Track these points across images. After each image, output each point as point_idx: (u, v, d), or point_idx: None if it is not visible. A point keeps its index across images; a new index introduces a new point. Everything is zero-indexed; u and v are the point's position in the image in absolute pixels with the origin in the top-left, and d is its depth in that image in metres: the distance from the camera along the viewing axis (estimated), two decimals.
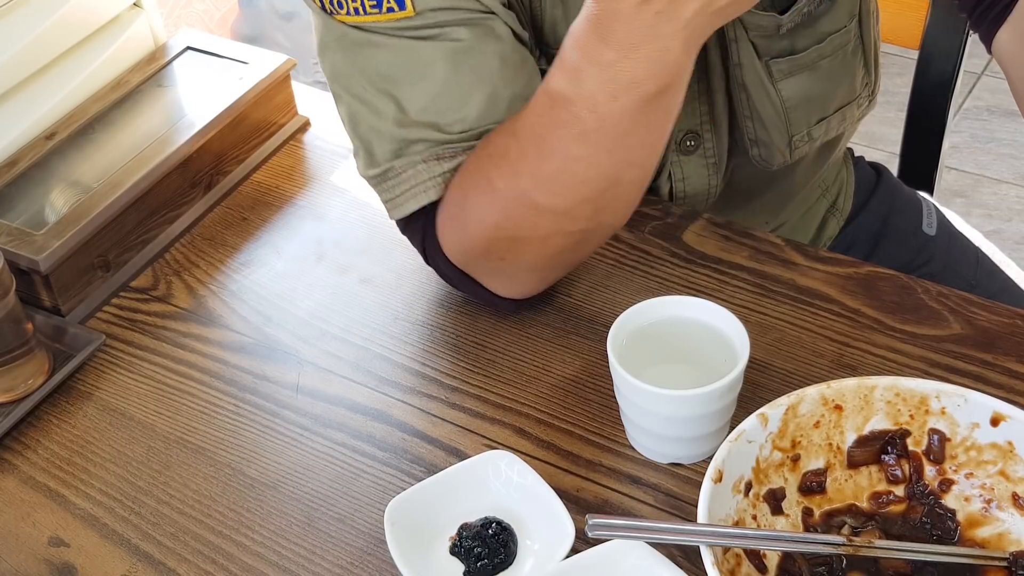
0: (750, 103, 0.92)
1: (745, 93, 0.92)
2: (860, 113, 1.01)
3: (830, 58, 0.94)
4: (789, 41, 0.91)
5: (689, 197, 0.98)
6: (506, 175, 0.76)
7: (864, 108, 1.01)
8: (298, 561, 0.73)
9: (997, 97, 2.58)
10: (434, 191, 0.81)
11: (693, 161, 0.96)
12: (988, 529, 0.69)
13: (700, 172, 0.96)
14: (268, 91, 1.03)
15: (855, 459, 0.71)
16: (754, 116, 0.93)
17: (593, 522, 0.62)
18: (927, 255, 1.11)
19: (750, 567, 0.65)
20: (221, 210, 1.01)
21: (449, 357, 0.86)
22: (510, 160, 0.76)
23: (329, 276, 0.93)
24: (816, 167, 1.05)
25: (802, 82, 0.93)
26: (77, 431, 0.82)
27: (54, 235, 0.88)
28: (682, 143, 0.94)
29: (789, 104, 0.93)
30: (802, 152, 0.97)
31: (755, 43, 0.90)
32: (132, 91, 1.03)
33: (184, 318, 0.91)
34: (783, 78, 0.92)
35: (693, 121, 0.94)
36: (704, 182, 0.97)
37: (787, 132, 0.95)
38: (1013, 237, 2.23)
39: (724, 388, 0.72)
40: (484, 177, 0.78)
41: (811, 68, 0.93)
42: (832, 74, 0.95)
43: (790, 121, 0.94)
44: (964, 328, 0.85)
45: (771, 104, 0.93)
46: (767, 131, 0.94)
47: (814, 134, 0.97)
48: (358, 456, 0.79)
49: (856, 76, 0.98)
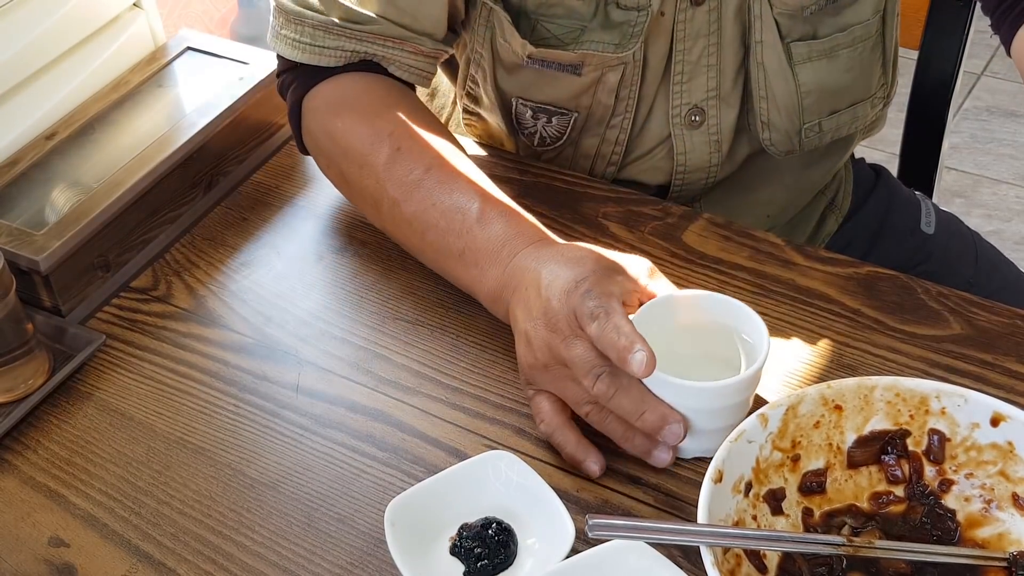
0: (767, 83, 0.93)
1: (763, 72, 0.92)
2: (873, 115, 1.01)
3: (850, 49, 0.94)
4: (812, 26, 0.92)
5: (688, 173, 0.98)
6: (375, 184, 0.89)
7: (877, 110, 1.01)
8: (298, 561, 0.73)
9: (997, 97, 2.58)
10: (325, 58, 0.91)
11: (697, 136, 0.96)
12: (988, 529, 0.69)
13: (702, 148, 0.97)
14: (268, 91, 1.03)
15: (855, 459, 0.71)
16: (769, 97, 0.93)
17: (593, 522, 0.62)
18: (925, 253, 1.11)
19: (750, 567, 0.65)
20: (221, 210, 1.01)
21: (449, 357, 0.86)
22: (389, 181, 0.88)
23: (329, 276, 0.93)
24: (822, 169, 1.05)
25: (819, 70, 0.94)
26: (77, 431, 0.82)
27: (54, 235, 0.88)
28: (687, 118, 0.95)
29: (804, 89, 0.94)
30: (811, 143, 0.98)
31: (779, 22, 0.90)
32: (132, 91, 1.03)
33: (184, 318, 0.91)
34: (802, 62, 0.93)
35: (699, 96, 0.94)
36: (705, 159, 0.97)
37: (799, 119, 0.95)
38: (1013, 237, 2.23)
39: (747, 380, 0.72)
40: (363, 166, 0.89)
41: (830, 56, 0.93)
42: (850, 66, 0.95)
43: (803, 108, 0.95)
44: (964, 328, 0.85)
45: (787, 87, 0.93)
46: (780, 114, 0.94)
47: (825, 126, 0.97)
48: (358, 456, 0.79)
49: (873, 75, 0.98)
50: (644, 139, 0.98)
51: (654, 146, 0.98)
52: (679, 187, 1.00)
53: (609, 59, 0.91)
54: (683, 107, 0.95)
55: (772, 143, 0.96)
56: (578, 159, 1.01)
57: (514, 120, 1.00)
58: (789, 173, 1.02)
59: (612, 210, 0.97)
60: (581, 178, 1.00)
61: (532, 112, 0.98)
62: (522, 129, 1.00)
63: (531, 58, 0.93)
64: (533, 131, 0.99)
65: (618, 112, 0.96)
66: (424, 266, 0.90)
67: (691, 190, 1.01)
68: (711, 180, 1.00)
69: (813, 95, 0.95)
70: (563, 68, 0.93)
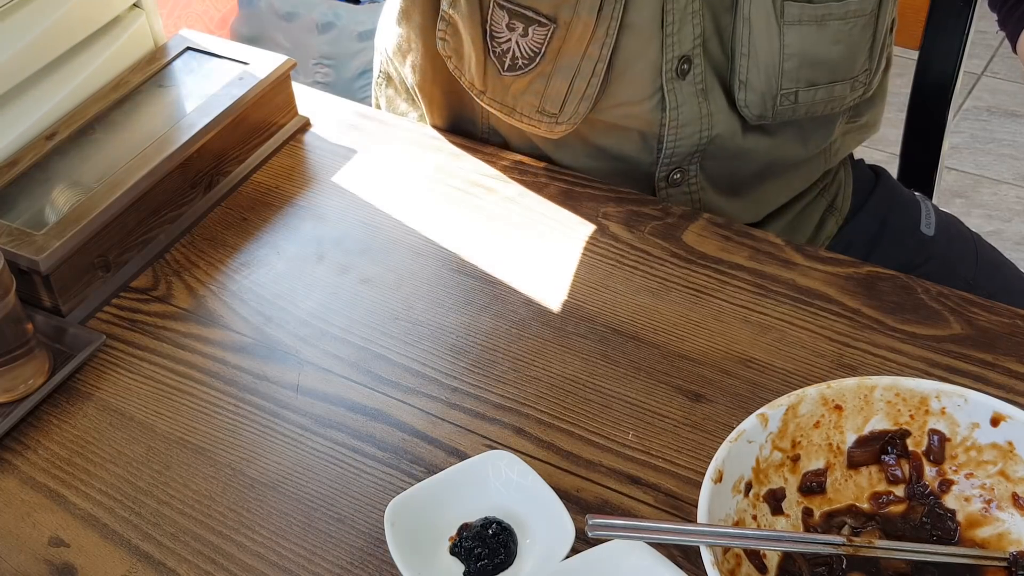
0: (751, 39, 0.92)
1: (748, 28, 0.91)
2: (852, 99, 1.00)
3: (841, 22, 0.94)
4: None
5: (682, 127, 0.97)
6: None
7: (857, 95, 1.00)
8: (298, 561, 0.73)
9: (997, 97, 2.58)
10: None
11: (685, 88, 0.95)
12: (988, 529, 0.69)
13: (692, 100, 0.96)
14: (268, 91, 1.03)
15: (855, 459, 0.71)
16: (751, 54, 0.93)
17: (593, 522, 0.62)
18: (925, 255, 1.11)
19: (750, 567, 0.65)
20: (221, 210, 1.01)
21: (449, 357, 0.86)
22: None
23: (329, 276, 0.93)
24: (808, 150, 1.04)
25: (806, 35, 0.93)
26: (77, 431, 0.82)
27: (54, 235, 0.88)
28: (678, 68, 0.94)
29: (788, 52, 0.93)
30: (784, 114, 0.97)
31: None
32: (132, 91, 1.03)
33: (184, 318, 0.91)
34: (792, 23, 0.92)
35: (687, 46, 0.93)
36: (695, 110, 0.96)
37: (777, 83, 0.94)
38: (1013, 237, 2.23)
39: None
40: None
41: (820, 24, 0.93)
42: (838, 40, 0.94)
43: (783, 71, 0.94)
44: (964, 328, 0.85)
45: (770, 46, 0.92)
46: (760, 74, 0.93)
47: (800, 98, 0.96)
48: (358, 456, 0.79)
49: (859, 55, 0.98)
50: (626, 81, 0.95)
51: (637, 92, 0.96)
52: (672, 142, 0.98)
53: None
54: (673, 60, 0.94)
55: (746, 104, 0.95)
56: (550, 93, 0.96)
57: (487, 31, 0.96)
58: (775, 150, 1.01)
59: (612, 210, 0.97)
60: (581, 178, 1.00)
61: (508, 18, 0.94)
62: (495, 44, 0.96)
63: None
64: (506, 47, 0.96)
65: (598, 35, 0.92)
66: (424, 266, 0.89)
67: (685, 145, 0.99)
68: (704, 139, 0.98)
69: (795, 59, 0.94)
70: None
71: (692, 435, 0.79)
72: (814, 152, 1.05)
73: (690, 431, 0.79)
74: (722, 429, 0.78)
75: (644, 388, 0.82)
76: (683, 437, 0.79)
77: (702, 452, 0.78)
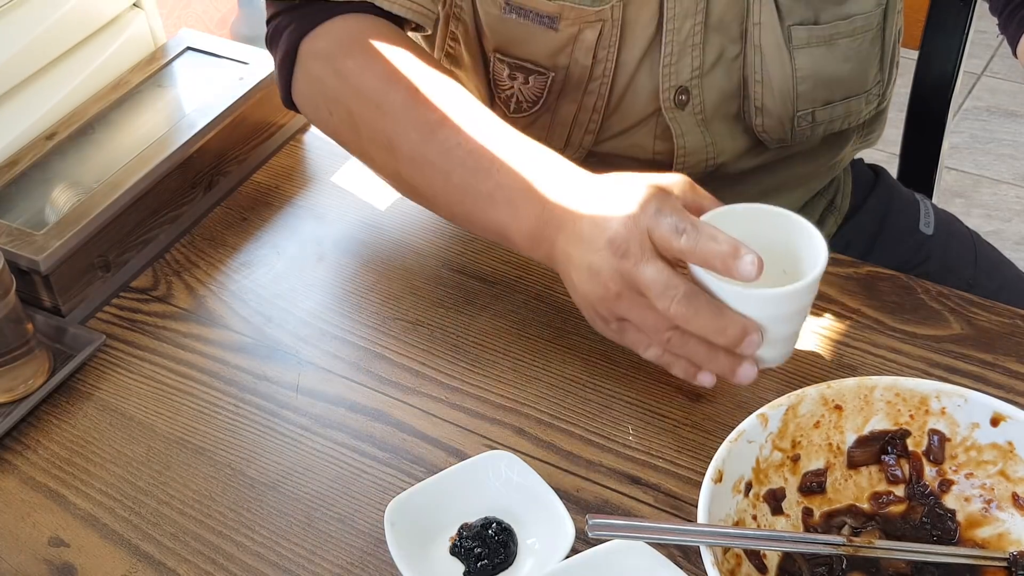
0: (763, 66, 0.92)
1: (760, 56, 0.92)
2: (867, 112, 1.01)
3: (849, 39, 0.94)
4: (813, 11, 0.92)
5: (690, 155, 0.97)
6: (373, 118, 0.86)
7: (872, 107, 1.01)
8: (298, 561, 0.73)
9: (997, 97, 2.58)
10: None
11: (686, 117, 0.96)
12: (988, 529, 0.69)
13: (694, 129, 0.96)
14: (268, 91, 1.03)
15: (855, 459, 0.71)
16: (764, 81, 0.93)
17: (593, 522, 0.62)
18: (924, 254, 1.11)
19: (750, 567, 0.65)
20: (221, 210, 1.01)
21: (449, 357, 0.86)
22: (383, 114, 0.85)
23: (329, 276, 0.93)
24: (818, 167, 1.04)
25: (817, 57, 0.93)
26: (77, 431, 0.82)
27: (54, 235, 0.88)
28: (675, 99, 0.94)
29: (801, 75, 0.93)
30: (803, 134, 0.97)
31: (778, 3, 0.90)
32: (132, 91, 1.03)
33: (184, 318, 0.91)
34: (801, 47, 0.92)
35: (684, 77, 0.94)
36: (699, 139, 0.97)
37: (793, 105, 0.95)
38: (1012, 237, 2.23)
39: (814, 282, 0.70)
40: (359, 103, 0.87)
41: (829, 44, 0.93)
42: (848, 57, 0.95)
43: (798, 94, 0.94)
44: (964, 328, 0.85)
45: (783, 71, 0.93)
46: (775, 99, 0.94)
47: (818, 116, 0.97)
48: (358, 456, 0.79)
49: (870, 69, 0.98)
50: (625, 112, 0.97)
51: (637, 122, 0.97)
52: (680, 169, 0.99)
53: (586, 13, 0.91)
54: (670, 91, 0.94)
55: (764, 129, 0.96)
56: (555, 127, 0.99)
57: (491, 81, 0.98)
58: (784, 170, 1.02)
59: None
60: None
61: (509, 70, 0.96)
62: (499, 91, 0.98)
63: (509, 5, 0.92)
64: (510, 94, 0.98)
65: (596, 76, 0.94)
66: (424, 266, 0.90)
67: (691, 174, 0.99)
68: (710, 166, 0.99)
69: (809, 81, 0.94)
70: (541, 20, 0.92)
71: (692, 435, 0.79)
72: (823, 168, 1.06)
73: (690, 431, 0.79)
74: (722, 429, 0.78)
75: (644, 388, 0.82)
76: (683, 437, 0.79)
77: (702, 452, 0.78)
